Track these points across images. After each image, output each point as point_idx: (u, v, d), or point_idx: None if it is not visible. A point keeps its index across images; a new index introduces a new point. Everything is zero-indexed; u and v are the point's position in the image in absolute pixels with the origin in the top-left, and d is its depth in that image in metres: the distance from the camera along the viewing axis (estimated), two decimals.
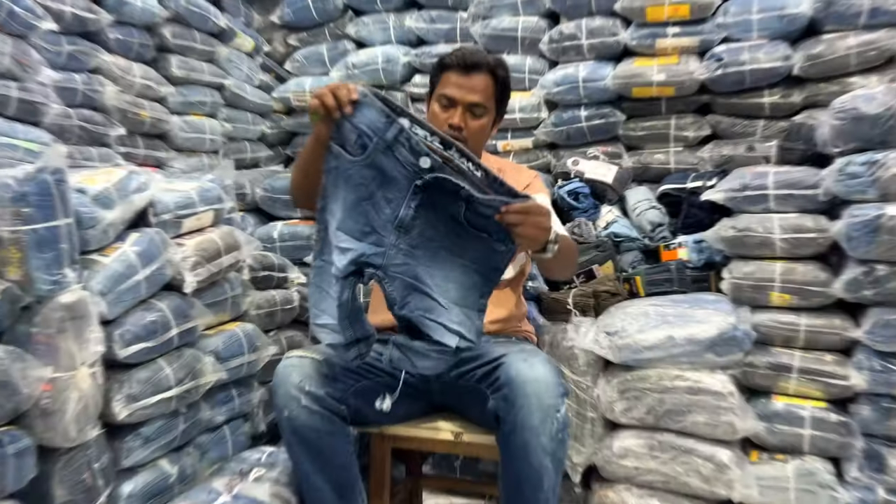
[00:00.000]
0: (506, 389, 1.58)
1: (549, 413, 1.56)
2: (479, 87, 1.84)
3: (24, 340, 1.50)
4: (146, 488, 1.80)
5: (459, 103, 1.83)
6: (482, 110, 1.85)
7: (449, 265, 1.54)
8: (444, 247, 1.55)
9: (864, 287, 1.99)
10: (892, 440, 2.02)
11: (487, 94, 1.85)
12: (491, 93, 1.86)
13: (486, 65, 1.85)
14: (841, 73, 2.62)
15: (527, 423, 1.55)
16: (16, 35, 2.14)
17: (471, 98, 1.83)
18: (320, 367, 1.67)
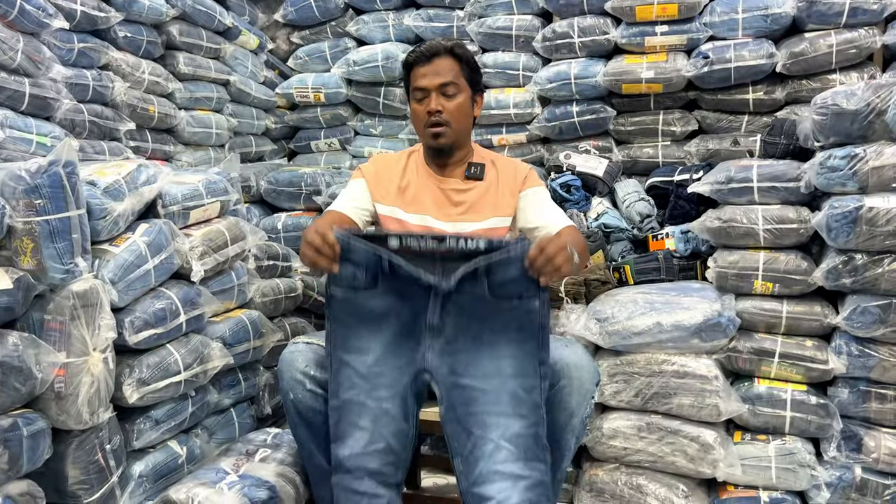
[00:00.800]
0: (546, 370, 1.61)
1: (586, 398, 1.65)
2: (444, 68, 1.87)
3: (37, 327, 1.53)
4: (156, 468, 1.84)
5: (431, 89, 1.87)
6: (454, 89, 1.88)
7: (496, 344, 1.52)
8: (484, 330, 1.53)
9: (844, 275, 2.02)
10: (869, 422, 2.06)
11: (455, 73, 1.88)
12: (458, 71, 1.89)
13: (444, 48, 1.89)
14: (822, 70, 2.65)
15: (565, 404, 1.63)
16: (28, 33, 2.17)
17: (438, 80, 1.86)
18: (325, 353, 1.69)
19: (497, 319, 1.52)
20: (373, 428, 1.55)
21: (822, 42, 2.61)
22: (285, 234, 2.99)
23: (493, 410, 1.50)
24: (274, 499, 1.78)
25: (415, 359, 1.55)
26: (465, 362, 1.53)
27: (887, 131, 1.98)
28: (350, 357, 1.57)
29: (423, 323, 1.54)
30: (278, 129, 3.64)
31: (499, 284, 1.50)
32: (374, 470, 1.56)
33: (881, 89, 1.98)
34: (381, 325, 1.56)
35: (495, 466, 1.48)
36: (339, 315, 1.58)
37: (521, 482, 1.48)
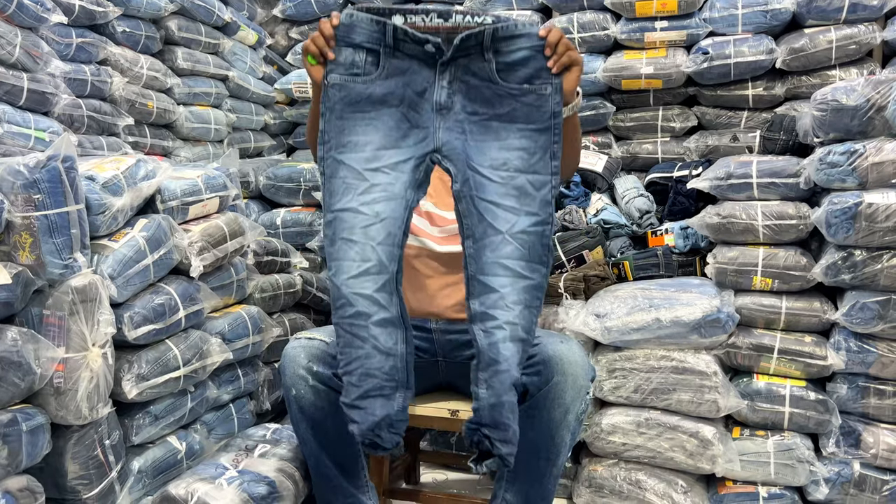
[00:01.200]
0: (541, 366, 1.62)
1: (580, 393, 1.64)
2: None
3: (36, 322, 1.53)
4: (155, 464, 1.84)
5: None
6: None
7: (504, 134, 1.48)
8: (492, 117, 1.48)
9: (843, 272, 2.02)
10: (868, 417, 2.06)
11: None
12: None
13: None
14: (822, 66, 2.65)
15: (559, 400, 1.62)
16: (26, 27, 2.16)
17: None
18: (327, 349, 1.70)
19: (506, 104, 1.47)
20: (364, 241, 1.50)
21: (822, 38, 2.61)
22: (284, 229, 2.99)
23: (501, 203, 1.48)
24: (273, 494, 1.78)
25: (421, 143, 1.50)
26: (473, 147, 1.49)
27: (887, 127, 1.98)
28: (346, 155, 1.50)
29: (430, 103, 1.49)
30: (277, 125, 3.64)
31: (507, 66, 1.46)
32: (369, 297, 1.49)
33: (881, 85, 1.98)
34: (382, 112, 1.49)
35: (501, 260, 1.48)
36: (335, 107, 1.50)
37: (522, 281, 1.48)
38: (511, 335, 1.47)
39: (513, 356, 1.47)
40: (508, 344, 1.47)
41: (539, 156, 1.48)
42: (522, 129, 1.47)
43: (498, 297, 1.47)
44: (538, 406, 1.63)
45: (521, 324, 1.48)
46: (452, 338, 1.85)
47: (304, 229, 2.95)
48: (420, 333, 1.86)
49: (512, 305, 1.48)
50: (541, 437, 1.64)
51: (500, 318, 1.47)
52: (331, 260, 1.51)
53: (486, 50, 1.44)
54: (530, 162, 1.48)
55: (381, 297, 1.50)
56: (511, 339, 1.48)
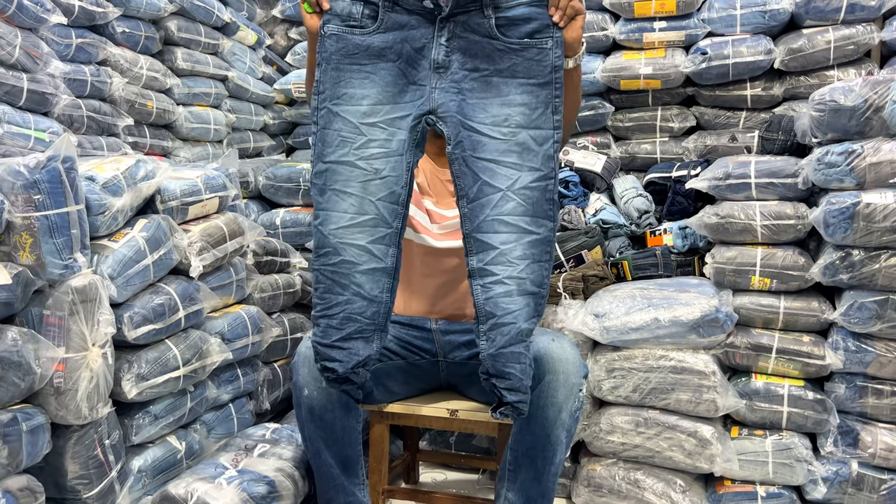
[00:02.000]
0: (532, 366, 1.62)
1: (573, 391, 1.64)
2: None
3: (36, 322, 1.53)
4: (155, 463, 1.85)
5: None
6: None
7: (505, 90, 1.46)
8: (492, 72, 1.46)
9: (841, 271, 2.02)
10: (866, 417, 2.07)
11: None
12: None
13: None
14: (820, 66, 2.66)
15: (552, 399, 1.62)
16: (26, 28, 2.16)
17: None
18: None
19: (506, 60, 1.45)
20: (362, 195, 1.49)
21: (820, 38, 2.61)
22: (284, 229, 2.99)
23: (502, 160, 1.47)
24: (273, 493, 1.79)
25: (418, 101, 1.48)
26: (472, 105, 1.47)
27: (885, 127, 1.99)
28: (341, 107, 1.48)
29: (428, 61, 1.47)
30: (277, 125, 3.64)
31: (508, 21, 1.45)
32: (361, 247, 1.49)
33: (879, 85, 1.99)
34: (380, 66, 1.47)
35: (501, 217, 1.47)
36: (331, 58, 1.47)
37: (527, 237, 1.47)
38: (518, 289, 1.46)
39: (520, 309, 1.46)
40: (516, 298, 1.46)
41: (541, 111, 1.46)
42: (523, 83, 1.46)
43: (497, 253, 1.47)
44: (532, 406, 1.61)
45: (529, 277, 1.47)
46: (452, 338, 1.86)
47: (303, 229, 2.95)
48: (420, 333, 1.86)
49: (516, 261, 1.46)
50: (536, 436, 1.64)
51: (499, 273, 1.46)
52: (318, 209, 1.50)
53: (486, 6, 1.44)
54: (532, 117, 1.46)
55: (375, 249, 1.50)
56: (518, 292, 1.47)
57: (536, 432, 1.64)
